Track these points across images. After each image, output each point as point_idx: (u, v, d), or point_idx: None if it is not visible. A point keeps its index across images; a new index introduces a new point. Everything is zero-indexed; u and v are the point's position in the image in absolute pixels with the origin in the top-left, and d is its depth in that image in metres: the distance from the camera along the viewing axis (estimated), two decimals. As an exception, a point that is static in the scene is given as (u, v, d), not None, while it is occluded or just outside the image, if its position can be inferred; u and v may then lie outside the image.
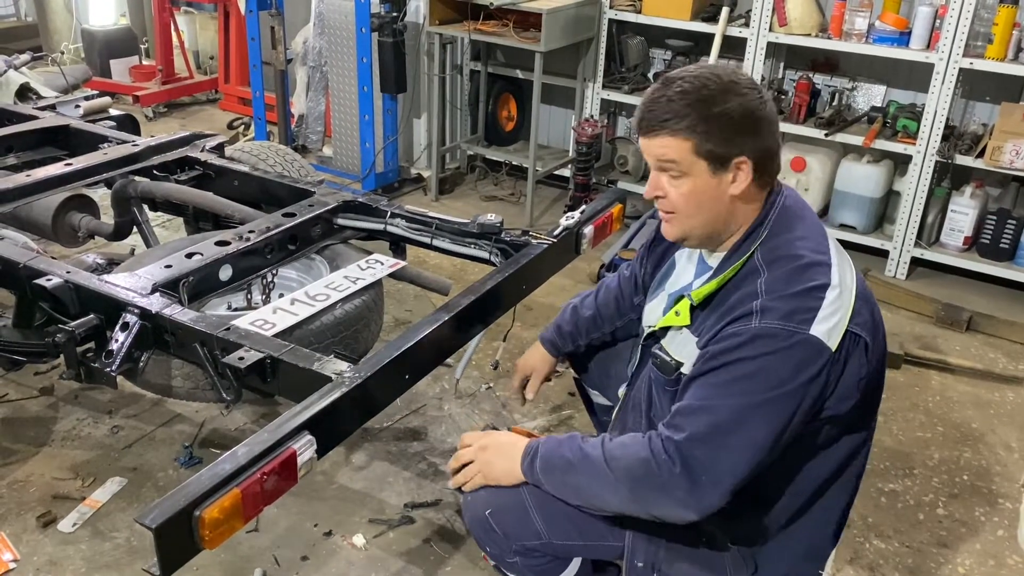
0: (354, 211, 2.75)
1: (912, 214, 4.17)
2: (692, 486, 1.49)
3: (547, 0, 4.42)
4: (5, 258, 2.34)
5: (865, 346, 1.54)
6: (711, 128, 1.52)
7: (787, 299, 1.50)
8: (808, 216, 1.66)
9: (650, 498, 1.55)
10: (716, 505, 1.52)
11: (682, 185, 1.58)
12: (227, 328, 2.00)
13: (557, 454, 1.66)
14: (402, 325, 3.59)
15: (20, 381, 3.09)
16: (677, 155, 1.56)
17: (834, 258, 1.58)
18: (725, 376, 1.51)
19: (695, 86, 1.53)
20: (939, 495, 2.79)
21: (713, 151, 1.54)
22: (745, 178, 1.56)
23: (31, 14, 7.46)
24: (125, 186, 2.93)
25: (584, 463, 1.61)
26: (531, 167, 4.70)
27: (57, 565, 2.36)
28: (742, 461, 1.49)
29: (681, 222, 1.63)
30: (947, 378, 3.44)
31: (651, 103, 1.57)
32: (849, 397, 1.57)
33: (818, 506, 1.71)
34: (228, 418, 2.95)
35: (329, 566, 2.40)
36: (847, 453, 1.69)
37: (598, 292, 2.19)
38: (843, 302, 1.52)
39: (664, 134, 1.55)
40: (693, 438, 1.50)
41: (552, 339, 2.22)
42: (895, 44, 3.98)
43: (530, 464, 1.70)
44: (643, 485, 1.54)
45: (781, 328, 1.48)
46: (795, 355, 1.48)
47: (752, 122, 1.54)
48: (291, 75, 5.38)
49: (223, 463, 1.50)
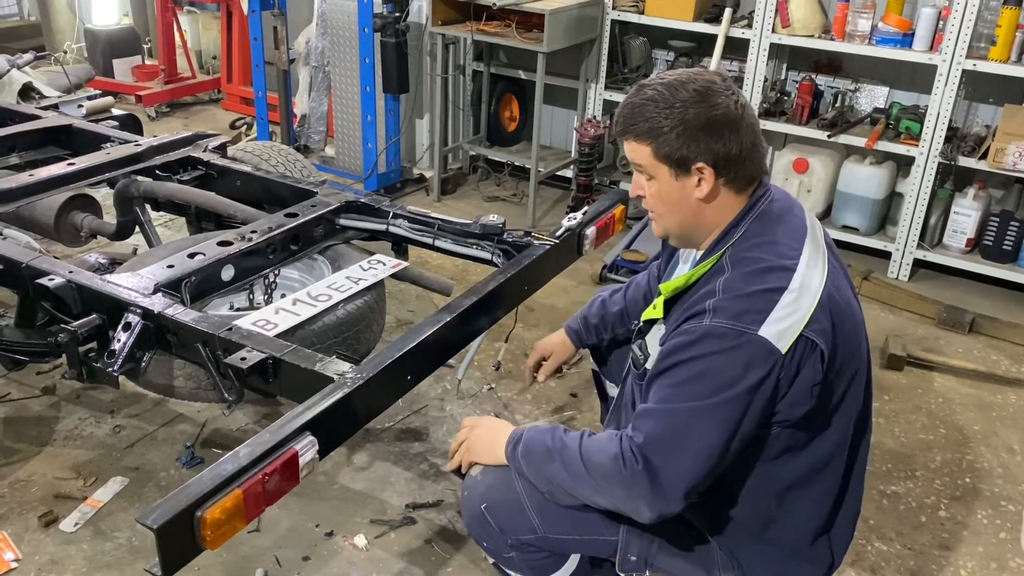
0: (356, 211, 2.75)
1: (915, 216, 4.16)
2: (652, 486, 1.53)
3: (550, 1, 4.42)
4: (8, 258, 2.34)
5: (821, 354, 1.54)
6: (668, 134, 1.58)
7: (740, 299, 1.53)
8: (791, 221, 1.66)
9: (614, 493, 1.59)
10: (675, 506, 1.54)
11: (652, 187, 1.66)
12: (229, 328, 2.00)
13: (539, 441, 1.71)
14: (404, 325, 3.59)
15: (22, 380, 3.09)
16: (641, 159, 1.64)
17: (802, 264, 1.58)
18: (677, 377, 1.55)
19: (660, 93, 1.59)
20: (941, 497, 2.79)
21: (670, 156, 1.60)
22: (708, 183, 1.60)
23: (34, 13, 7.48)
24: (128, 186, 2.93)
25: (562, 452, 1.65)
26: (533, 168, 4.70)
27: (59, 564, 2.36)
28: (697, 463, 1.52)
29: (659, 221, 1.72)
30: (949, 380, 3.44)
31: (622, 108, 1.66)
32: (802, 403, 1.57)
33: (792, 509, 1.71)
34: (230, 418, 2.95)
35: (330, 566, 2.40)
36: (813, 461, 1.68)
37: (628, 288, 2.21)
38: (799, 306, 1.53)
39: (629, 138, 1.64)
40: (649, 440, 1.54)
41: (578, 329, 2.24)
42: (898, 45, 3.97)
43: (513, 448, 1.74)
44: (609, 481, 1.58)
45: (731, 327, 1.51)
46: (742, 355, 1.50)
47: (713, 128, 1.57)
48: (294, 75, 5.38)
49: (225, 463, 1.50)
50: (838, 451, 1.70)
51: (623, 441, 1.58)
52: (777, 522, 1.72)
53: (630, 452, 1.55)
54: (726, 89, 1.60)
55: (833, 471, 1.72)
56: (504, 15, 4.54)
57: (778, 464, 1.66)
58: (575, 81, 4.85)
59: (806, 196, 4.41)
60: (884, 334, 3.62)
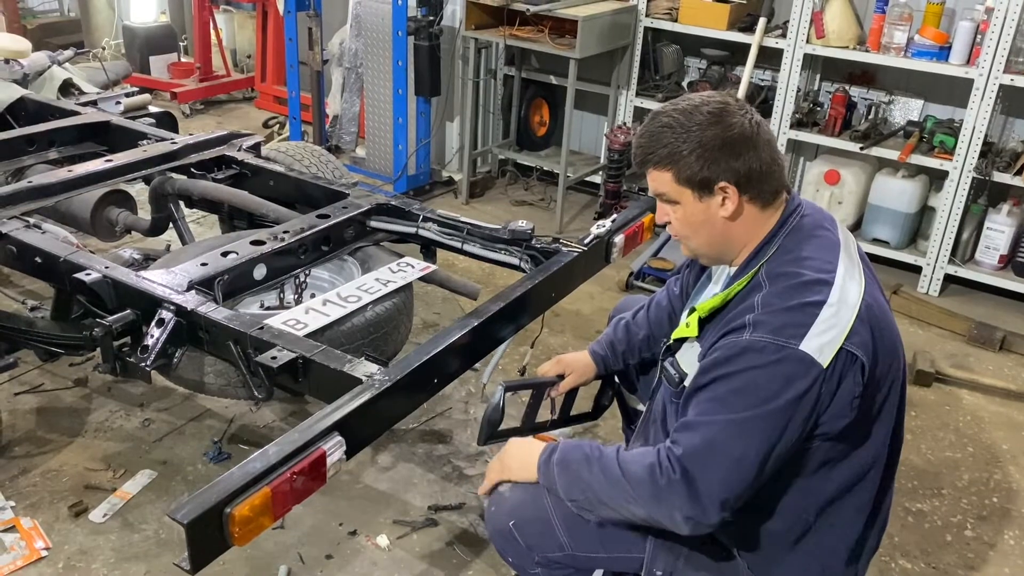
0: (387, 214, 2.78)
1: (947, 231, 4.12)
2: (690, 498, 1.53)
3: (583, 7, 4.43)
4: (46, 251, 2.39)
5: (862, 367, 1.54)
6: (688, 157, 1.60)
7: (780, 313, 1.53)
8: (824, 235, 1.67)
9: (650, 503, 1.58)
10: (712, 517, 1.53)
11: (676, 212, 1.69)
12: (260, 327, 2.03)
13: (576, 449, 1.71)
14: (430, 328, 3.61)
15: (55, 372, 3.15)
16: (663, 186, 1.66)
17: (839, 278, 1.58)
18: (717, 391, 1.55)
19: (676, 119, 1.62)
20: (968, 517, 2.76)
21: (692, 178, 1.61)
22: (732, 201, 1.62)
23: (74, 10, 7.61)
24: (163, 183, 2.98)
25: (600, 460, 1.65)
26: (562, 173, 4.71)
27: (87, 555, 2.41)
28: (734, 475, 1.52)
29: (687, 244, 1.75)
30: (978, 398, 3.40)
31: (638, 139, 1.68)
32: (843, 416, 1.57)
33: (825, 526, 1.70)
34: (257, 415, 2.98)
35: (353, 565, 2.42)
36: (852, 474, 1.67)
37: (649, 308, 2.17)
38: (839, 320, 1.53)
39: (649, 167, 1.67)
40: (688, 452, 1.54)
41: (604, 355, 2.20)
42: (934, 59, 3.93)
43: (548, 457, 1.73)
44: (646, 490, 1.57)
45: (770, 342, 1.51)
46: (783, 370, 1.50)
47: (731, 147, 1.59)
48: (327, 76, 5.43)
49: (254, 461, 1.52)
50: (875, 464, 1.70)
51: (660, 452, 1.58)
52: (810, 538, 1.71)
53: (667, 462, 1.55)
54: (740, 108, 1.62)
55: (868, 485, 1.71)
56: (537, 20, 4.55)
57: (816, 478, 1.66)
58: (606, 87, 4.85)
59: (837, 208, 4.37)
60: (913, 350, 3.59)
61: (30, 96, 3.68)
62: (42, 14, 7.80)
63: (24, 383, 3.09)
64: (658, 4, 4.62)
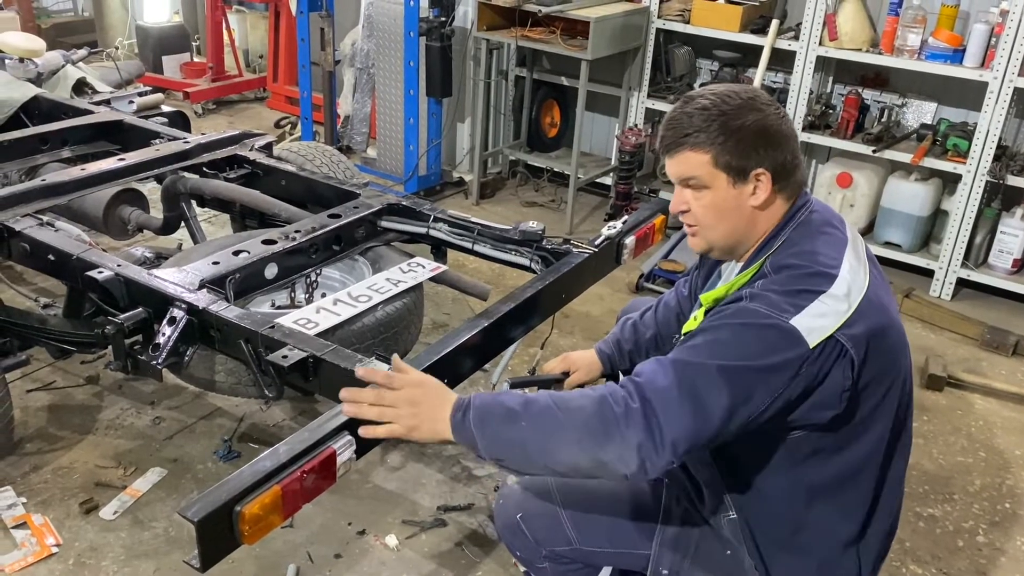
0: (398, 214, 2.78)
1: (960, 234, 4.10)
2: (646, 429, 1.45)
3: (595, 8, 4.43)
4: (59, 249, 2.40)
5: (851, 361, 1.52)
6: (729, 141, 1.57)
7: (779, 294, 1.53)
8: (831, 233, 1.66)
9: (598, 440, 1.46)
10: (664, 459, 1.45)
11: (704, 198, 1.63)
12: (271, 326, 2.03)
13: (496, 403, 1.54)
14: (440, 328, 3.61)
15: (67, 369, 3.17)
16: (697, 169, 1.60)
17: (844, 273, 1.57)
18: (700, 339, 1.53)
19: (713, 102, 1.59)
20: (979, 522, 2.74)
21: (731, 163, 1.58)
22: (764, 189, 1.60)
23: (88, 9, 7.65)
24: (175, 182, 2.99)
25: (527, 408, 1.51)
26: (573, 174, 4.70)
27: (97, 551, 2.42)
28: (693, 422, 1.46)
29: (704, 234, 1.68)
30: (991, 403, 3.37)
31: (671, 121, 1.63)
32: (830, 407, 1.55)
33: (822, 516, 1.69)
34: (267, 414, 2.99)
35: (361, 565, 2.43)
36: (847, 466, 1.66)
37: (656, 309, 2.16)
38: (836, 309, 1.52)
39: (685, 149, 1.60)
40: (652, 384, 1.48)
41: (611, 355, 2.17)
42: (948, 61, 3.91)
43: (462, 417, 1.54)
44: (595, 424, 1.47)
45: (763, 310, 1.50)
46: (767, 335, 1.48)
47: (769, 136, 1.59)
48: (339, 76, 5.44)
49: (264, 460, 1.52)
50: (869, 461, 1.68)
51: (613, 386, 1.52)
52: (807, 530, 1.70)
53: (624, 391, 1.49)
54: (769, 100, 1.63)
55: (865, 481, 1.70)
56: (549, 22, 4.55)
57: (808, 467, 1.65)
58: (617, 89, 4.84)
59: (849, 211, 4.36)
60: (924, 353, 3.57)
61: (44, 95, 3.70)
62: (56, 14, 7.85)
63: (36, 380, 3.11)
64: (670, 6, 4.62)
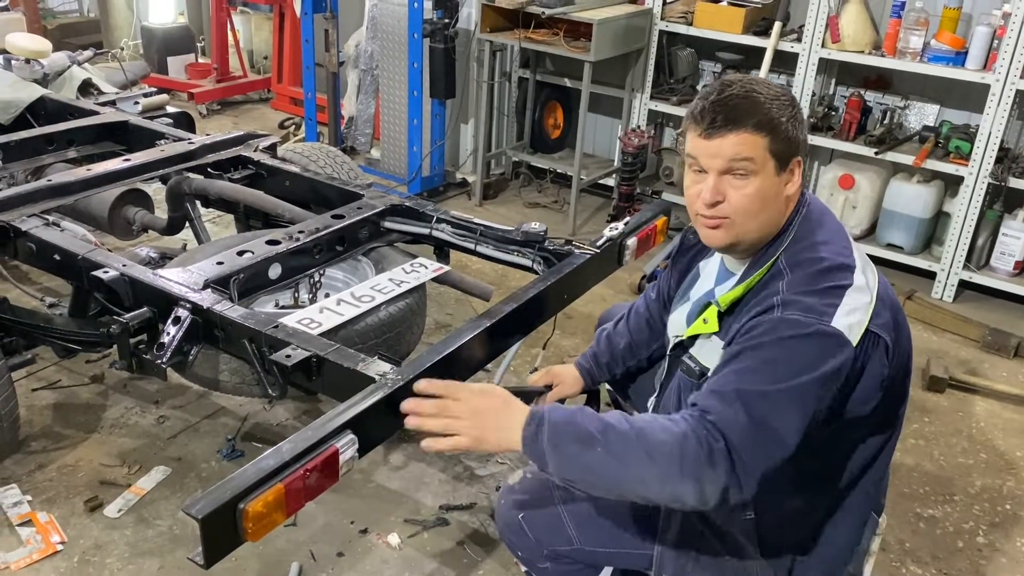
0: (401, 215, 2.79)
1: (962, 236, 4.10)
2: (731, 470, 1.44)
3: (598, 10, 4.44)
4: (65, 249, 2.42)
5: (886, 347, 1.55)
6: (785, 126, 1.56)
7: (808, 295, 1.52)
8: (829, 222, 1.68)
9: (677, 478, 1.43)
10: (750, 491, 1.46)
11: (747, 186, 1.56)
12: (275, 326, 2.04)
13: (573, 423, 1.48)
14: (443, 328, 3.62)
15: (72, 368, 3.19)
16: (751, 151, 1.54)
17: (858, 261, 1.60)
18: (750, 361, 1.49)
19: (758, 90, 1.57)
20: (980, 523, 2.75)
21: (780, 150, 1.57)
22: (798, 179, 1.61)
23: (94, 10, 7.67)
24: (180, 183, 3.01)
25: (606, 436, 1.46)
26: (576, 175, 4.71)
27: (102, 549, 2.43)
28: (775, 447, 1.47)
29: (737, 227, 1.59)
30: (992, 405, 3.38)
31: (721, 102, 1.55)
32: (872, 399, 1.57)
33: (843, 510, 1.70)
34: (270, 413, 3.01)
35: (364, 563, 2.44)
36: (867, 457, 1.68)
37: (629, 317, 2.16)
38: (863, 301, 1.53)
39: (741, 130, 1.53)
40: (728, 422, 1.45)
41: (590, 368, 2.17)
42: (950, 64, 3.92)
43: (535, 433, 1.49)
44: (675, 463, 1.43)
45: (802, 318, 1.49)
46: (817, 344, 1.48)
47: (804, 125, 1.61)
48: (343, 77, 5.46)
49: (267, 458, 1.53)
50: (887, 446, 1.70)
51: (692, 421, 1.47)
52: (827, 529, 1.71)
53: (704, 430, 1.45)
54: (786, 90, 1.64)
55: (877, 469, 1.71)
56: (552, 23, 4.56)
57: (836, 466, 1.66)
58: (620, 90, 4.86)
59: (851, 213, 4.37)
60: (926, 355, 3.58)
61: (50, 96, 3.72)
62: (62, 14, 7.88)
63: (41, 379, 3.13)
64: (673, 8, 4.63)
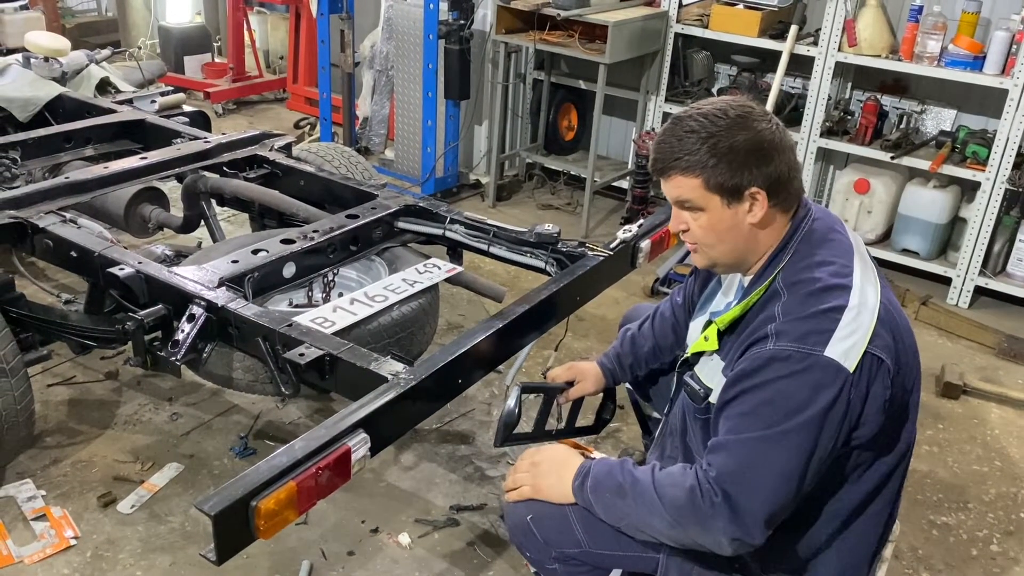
0: (415, 215, 2.80)
1: (978, 242, 4.07)
2: (733, 520, 1.51)
3: (614, 13, 4.43)
4: (81, 246, 2.44)
5: (887, 369, 1.53)
6: (720, 163, 1.56)
7: (801, 321, 1.52)
8: (836, 239, 1.66)
9: (693, 528, 1.56)
10: (757, 537, 1.52)
11: (700, 219, 1.63)
12: (289, 324, 2.06)
13: (609, 477, 1.67)
14: (455, 329, 3.63)
15: (87, 364, 3.21)
16: (689, 193, 1.60)
17: (856, 281, 1.57)
18: (745, 405, 1.53)
19: (701, 124, 1.58)
20: (994, 531, 2.73)
21: (723, 184, 1.57)
22: (761, 207, 1.60)
23: (111, 9, 7.73)
24: (195, 181, 3.02)
25: (634, 488, 1.62)
26: (589, 177, 4.71)
27: (114, 544, 2.45)
28: (774, 494, 1.50)
29: (705, 252, 1.69)
30: (1007, 412, 3.35)
31: (660, 145, 1.62)
32: (875, 422, 1.56)
33: (851, 532, 1.69)
34: (283, 411, 3.02)
35: (374, 562, 2.44)
36: (878, 480, 1.67)
37: (654, 320, 2.16)
38: (860, 323, 1.52)
39: (675, 173, 1.60)
40: (723, 472, 1.52)
41: (612, 369, 2.19)
42: (968, 68, 3.89)
43: (581, 484, 1.71)
44: (687, 514, 1.55)
45: (796, 350, 1.49)
46: (810, 378, 1.48)
47: (761, 152, 1.57)
48: (358, 78, 5.48)
49: (280, 456, 1.54)
50: (899, 467, 1.69)
51: (698, 474, 1.56)
52: (835, 546, 1.70)
53: (707, 484, 1.53)
54: (763, 114, 1.61)
55: (889, 493, 1.70)
56: (567, 25, 4.56)
57: (844, 488, 1.65)
58: (635, 92, 4.85)
59: (866, 217, 4.34)
60: (941, 361, 3.55)
61: (68, 94, 3.75)
62: (80, 13, 7.93)
63: (57, 375, 3.15)
64: (689, 10, 4.62)
